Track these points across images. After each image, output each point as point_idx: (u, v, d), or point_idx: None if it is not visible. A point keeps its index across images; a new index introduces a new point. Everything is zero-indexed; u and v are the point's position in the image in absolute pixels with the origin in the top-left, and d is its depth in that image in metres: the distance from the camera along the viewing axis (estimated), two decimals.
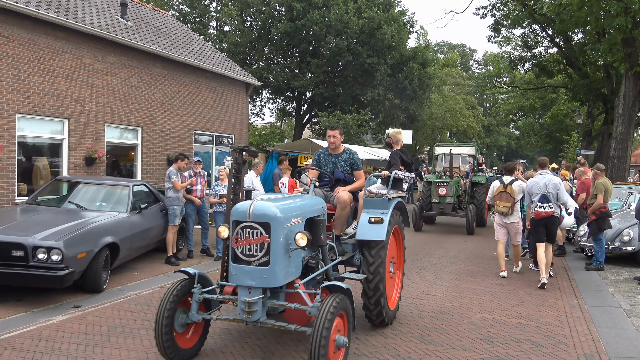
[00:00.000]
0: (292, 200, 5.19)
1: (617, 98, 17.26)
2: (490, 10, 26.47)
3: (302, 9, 26.72)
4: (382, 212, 5.85)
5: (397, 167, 6.45)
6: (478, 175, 17.45)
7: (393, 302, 6.36)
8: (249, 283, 4.46)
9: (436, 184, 15.12)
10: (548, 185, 8.52)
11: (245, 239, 4.49)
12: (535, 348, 5.63)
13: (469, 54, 74.31)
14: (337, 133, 6.29)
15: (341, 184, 6.27)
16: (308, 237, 4.50)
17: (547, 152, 56.49)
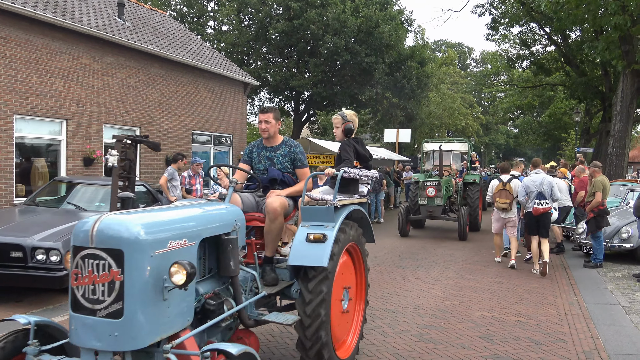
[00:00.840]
0: (173, 213, 3.55)
1: (614, 96, 17.28)
2: (488, 9, 26.51)
3: (299, 8, 26.71)
4: (326, 225, 4.29)
5: (350, 163, 4.82)
6: (471, 174, 15.76)
7: (348, 350, 4.73)
8: (92, 344, 2.93)
9: (424, 184, 13.47)
10: (543, 183, 9.24)
11: (87, 274, 2.95)
12: (535, 346, 5.64)
13: (467, 52, 74.37)
14: (270, 117, 4.81)
15: (278, 186, 4.79)
16: (188, 270, 2.95)
17: (546, 150, 56.56)
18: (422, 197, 13.47)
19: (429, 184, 13.42)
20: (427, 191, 13.33)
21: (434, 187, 13.32)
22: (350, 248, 4.81)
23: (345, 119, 4.97)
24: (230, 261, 3.70)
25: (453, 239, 13.72)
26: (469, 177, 15.48)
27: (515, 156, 67.52)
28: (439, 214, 13.66)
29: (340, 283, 4.50)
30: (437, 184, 13.35)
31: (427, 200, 13.45)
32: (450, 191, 14.33)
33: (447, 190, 13.94)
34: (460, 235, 13.24)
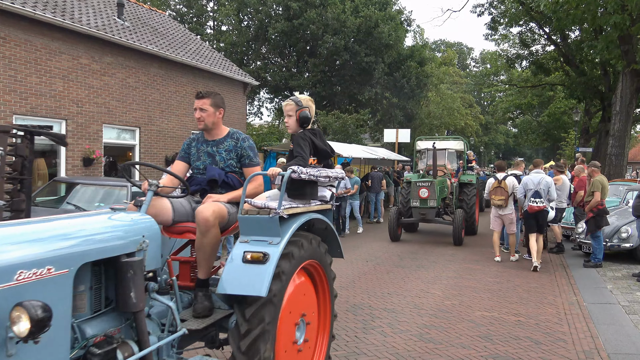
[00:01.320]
0: (33, 227, 2.66)
1: (614, 95, 17.28)
2: (487, 9, 26.52)
3: (299, 8, 26.71)
4: (270, 241, 3.35)
5: (303, 160, 3.81)
6: (467, 174, 14.91)
7: None
8: None
9: (417, 185, 12.40)
10: (541, 183, 9.73)
11: None
12: (535, 345, 5.64)
13: (466, 52, 74.40)
14: (206, 103, 4.17)
15: (220, 189, 3.87)
16: (34, 315, 2.08)
17: (545, 150, 56.60)
18: (415, 198, 12.46)
19: (422, 184, 12.35)
20: (419, 192, 12.30)
21: (427, 188, 12.26)
22: (309, 267, 3.89)
23: (299, 104, 4.05)
24: (131, 292, 2.79)
25: (447, 244, 13.60)
26: (465, 177, 14.61)
27: (514, 156, 67.58)
28: (432, 217, 12.66)
29: (292, 309, 3.54)
30: (431, 185, 12.26)
31: (419, 202, 12.38)
32: (444, 192, 13.34)
33: (442, 191, 13.01)
34: (456, 239, 12.39)
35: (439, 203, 12.78)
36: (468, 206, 14.09)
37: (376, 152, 22.31)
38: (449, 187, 13.73)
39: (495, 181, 10.58)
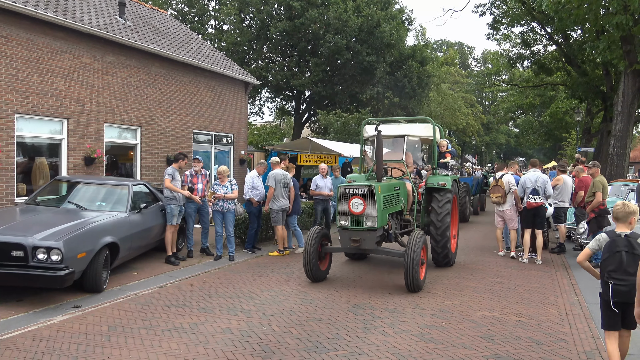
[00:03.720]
0: None
1: (616, 95, 17.26)
2: (489, 8, 26.51)
3: (300, 8, 26.71)
4: None
5: None
6: (438, 175, 9.83)
7: None
8: None
9: (345, 193, 7.85)
10: (538, 181, 10.35)
11: None
12: (536, 345, 5.63)
13: (468, 51, 74.33)
14: None
15: None
16: None
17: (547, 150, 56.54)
18: (343, 214, 7.87)
19: (354, 192, 7.79)
20: (350, 205, 7.74)
21: (362, 197, 7.71)
22: None
23: None
24: None
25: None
26: (435, 179, 9.70)
27: (516, 156, 67.52)
28: (371, 245, 7.89)
29: None
30: (368, 193, 7.71)
31: (350, 221, 7.83)
32: (398, 204, 8.84)
33: (392, 202, 8.48)
34: (409, 284, 7.66)
35: (385, 222, 8.19)
36: (437, 226, 9.27)
37: None
38: (410, 194, 9.41)
39: (493, 179, 11.40)
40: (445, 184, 9.54)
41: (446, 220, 9.27)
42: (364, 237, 7.84)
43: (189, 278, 8.63)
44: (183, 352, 5.21)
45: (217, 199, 10.08)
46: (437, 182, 9.59)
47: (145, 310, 6.68)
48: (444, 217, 9.27)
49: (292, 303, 7.16)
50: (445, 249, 9.45)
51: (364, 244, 7.86)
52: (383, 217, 8.01)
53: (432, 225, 9.41)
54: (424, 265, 8.14)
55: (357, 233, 7.87)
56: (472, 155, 68.12)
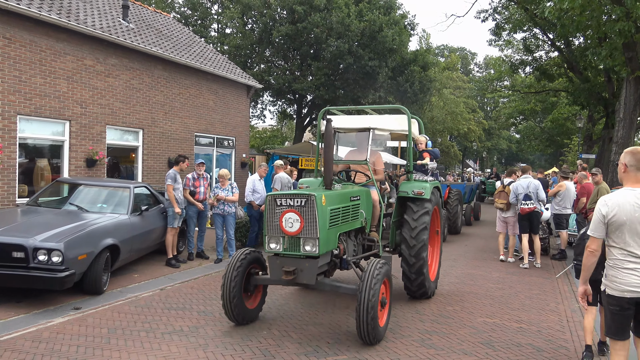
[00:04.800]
0: None
1: (618, 102, 17.25)
2: (492, 14, 26.53)
3: (303, 12, 26.75)
4: None
5: None
6: (414, 182, 7.66)
7: None
8: None
9: (275, 203, 5.80)
10: (529, 186, 10.60)
11: None
12: (537, 352, 5.62)
13: (469, 57, 74.43)
14: None
15: None
16: None
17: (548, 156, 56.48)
18: (272, 235, 5.82)
19: (286, 203, 5.73)
20: (281, 222, 5.72)
21: (298, 210, 5.67)
22: None
23: None
24: None
25: (450, 249, 13.49)
26: (409, 186, 7.47)
27: (517, 162, 67.47)
28: (311, 278, 5.75)
29: None
30: (305, 205, 5.64)
31: (282, 244, 5.79)
32: (357, 218, 6.70)
33: (345, 216, 6.32)
34: (363, 333, 5.50)
35: (329, 245, 5.85)
36: (410, 244, 7.18)
37: None
38: (377, 205, 7.29)
39: (501, 185, 11.56)
40: (423, 192, 7.29)
41: (422, 236, 7.13)
42: (300, 266, 5.62)
43: (190, 281, 8.62)
44: (183, 355, 5.20)
45: (220, 201, 10.08)
46: (412, 190, 7.34)
47: (145, 312, 6.67)
48: (420, 232, 7.14)
49: (292, 307, 7.15)
50: (420, 276, 7.22)
51: (301, 277, 5.65)
52: (329, 238, 5.77)
53: (404, 243, 7.20)
54: (385, 307, 5.81)
55: (291, 261, 5.66)
56: (473, 161, 68.11)
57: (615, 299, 3.88)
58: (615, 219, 3.84)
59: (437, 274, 8.25)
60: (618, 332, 3.93)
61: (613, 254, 3.93)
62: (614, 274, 3.90)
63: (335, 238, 5.98)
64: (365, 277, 5.46)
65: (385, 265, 5.77)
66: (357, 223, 6.67)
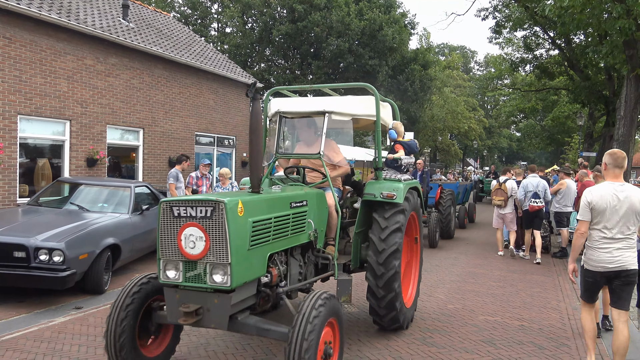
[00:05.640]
0: None
1: (618, 100, 17.23)
2: (492, 12, 26.48)
3: (303, 11, 26.74)
4: None
5: None
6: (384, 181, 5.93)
7: None
8: None
9: (172, 213, 3.96)
10: (539, 186, 10.95)
11: None
12: (538, 350, 5.61)
13: (470, 55, 74.37)
14: None
15: None
16: None
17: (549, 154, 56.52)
18: (169, 258, 4.02)
19: (186, 213, 3.94)
20: (179, 239, 3.94)
21: (202, 224, 3.89)
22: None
23: None
24: None
25: (452, 246, 13.48)
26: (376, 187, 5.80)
27: (518, 160, 67.49)
28: (221, 320, 4.04)
29: None
30: (212, 216, 3.86)
31: (181, 272, 4.02)
32: (301, 231, 5.05)
33: (280, 230, 4.62)
34: None
35: (248, 274, 4.14)
36: (377, 273, 5.52)
37: None
38: (333, 212, 5.57)
39: (497, 183, 11.87)
40: (394, 195, 5.56)
41: (392, 261, 5.42)
42: (207, 304, 3.99)
43: None
44: (184, 355, 5.20)
45: None
46: (380, 193, 5.63)
47: None
48: (390, 256, 5.42)
49: None
50: (391, 311, 5.62)
51: (208, 319, 4.03)
52: (251, 263, 4.13)
53: (369, 270, 5.56)
54: None
55: (194, 296, 4.02)
56: (474, 159, 68.10)
57: (591, 272, 4.79)
58: (598, 206, 4.62)
59: (417, 295, 6.59)
60: (589, 298, 4.97)
61: (592, 236, 4.75)
62: (591, 253, 4.76)
63: (262, 261, 4.28)
64: (297, 321, 3.80)
65: (329, 300, 4.00)
66: (302, 237, 5.00)
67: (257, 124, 4.38)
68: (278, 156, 5.87)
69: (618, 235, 4.60)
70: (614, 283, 4.73)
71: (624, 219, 4.58)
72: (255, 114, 4.41)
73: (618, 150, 4.85)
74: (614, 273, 4.64)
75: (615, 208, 4.57)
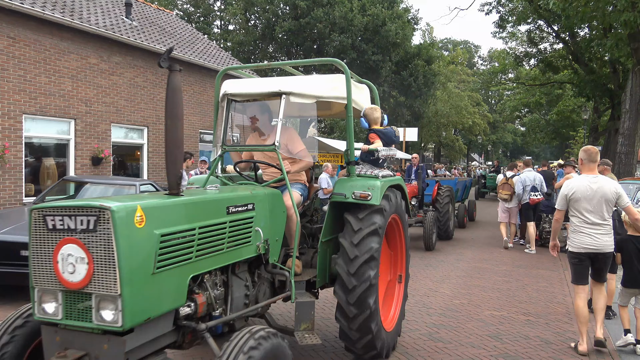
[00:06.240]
0: None
1: (623, 93, 17.15)
2: (495, 7, 26.40)
3: (306, 7, 26.72)
4: None
5: None
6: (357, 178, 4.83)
7: None
8: None
9: (46, 225, 2.94)
10: (536, 179, 11.59)
11: None
12: (545, 345, 5.61)
13: (473, 50, 74.11)
14: None
15: None
16: None
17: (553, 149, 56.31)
18: (42, 284, 3.02)
19: (62, 222, 2.90)
20: (55, 261, 2.91)
21: (82, 239, 2.85)
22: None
23: None
24: None
25: (457, 242, 13.47)
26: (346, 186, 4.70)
27: (522, 155, 67.28)
28: None
29: None
30: (97, 226, 2.81)
31: (60, 304, 2.97)
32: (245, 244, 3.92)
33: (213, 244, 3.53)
34: None
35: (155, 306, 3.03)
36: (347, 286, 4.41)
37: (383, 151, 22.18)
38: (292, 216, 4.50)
39: (504, 177, 12.24)
40: (368, 195, 4.51)
41: (366, 272, 4.36)
42: (93, 350, 2.93)
43: None
44: (190, 350, 5.21)
45: None
46: (352, 193, 4.59)
47: None
48: (364, 264, 4.37)
49: None
50: (365, 334, 4.50)
51: None
52: (158, 293, 3.06)
53: (339, 282, 4.47)
54: None
55: (79, 338, 2.97)
56: (478, 154, 67.94)
57: (575, 254, 5.38)
58: (574, 196, 5.28)
59: (401, 315, 5.44)
60: (578, 279, 5.48)
61: (573, 222, 5.38)
62: (574, 236, 5.36)
63: (179, 288, 3.20)
64: None
65: (267, 340, 3.05)
66: (246, 251, 3.94)
67: (175, 105, 3.25)
68: (225, 149, 5.07)
69: (597, 221, 5.20)
70: (595, 265, 5.40)
71: (598, 207, 5.19)
72: (171, 90, 3.25)
73: (592, 146, 5.49)
74: (594, 254, 5.28)
75: (589, 197, 5.20)
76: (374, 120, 5.36)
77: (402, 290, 5.51)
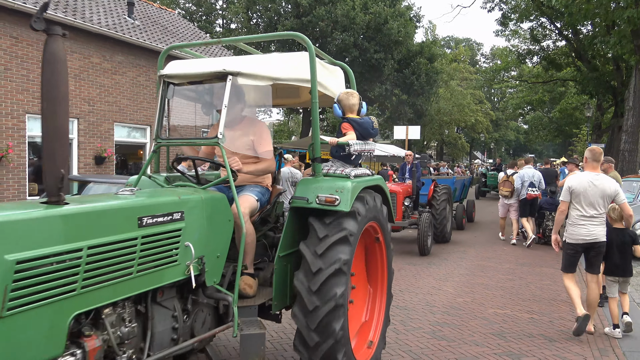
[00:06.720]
0: None
1: (627, 90, 17.10)
2: (498, 4, 26.37)
3: (308, 5, 26.70)
4: None
5: None
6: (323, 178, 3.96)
7: None
8: None
9: None
10: (534, 176, 12.03)
11: None
12: (549, 343, 5.60)
13: (476, 47, 73.98)
14: None
15: None
16: None
17: (557, 146, 56.23)
18: None
19: None
20: None
21: None
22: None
23: None
24: None
25: (460, 240, 13.49)
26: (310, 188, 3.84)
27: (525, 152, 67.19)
28: None
29: None
30: None
31: None
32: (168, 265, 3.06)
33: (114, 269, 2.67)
34: None
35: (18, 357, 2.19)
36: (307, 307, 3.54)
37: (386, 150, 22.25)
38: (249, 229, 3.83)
39: (505, 175, 12.94)
40: (336, 199, 3.68)
41: (332, 289, 3.53)
42: None
43: None
44: None
45: None
46: (317, 196, 3.75)
47: None
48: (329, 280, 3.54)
49: None
50: None
51: None
52: (15, 342, 2.17)
53: (299, 302, 3.62)
54: None
55: None
56: (481, 152, 67.85)
57: (571, 245, 5.86)
58: (576, 190, 5.72)
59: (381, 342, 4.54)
60: (568, 268, 6.04)
61: (572, 215, 5.82)
62: (571, 228, 5.83)
63: (52, 331, 2.35)
64: None
65: None
66: (170, 273, 3.09)
67: (56, 82, 2.36)
68: (160, 143, 4.03)
69: (593, 214, 5.68)
70: (590, 253, 5.84)
71: (596, 202, 5.66)
72: (49, 62, 2.34)
73: (597, 147, 5.95)
74: (589, 244, 5.75)
75: (589, 192, 5.66)
76: (349, 108, 4.40)
77: (382, 312, 4.48)
